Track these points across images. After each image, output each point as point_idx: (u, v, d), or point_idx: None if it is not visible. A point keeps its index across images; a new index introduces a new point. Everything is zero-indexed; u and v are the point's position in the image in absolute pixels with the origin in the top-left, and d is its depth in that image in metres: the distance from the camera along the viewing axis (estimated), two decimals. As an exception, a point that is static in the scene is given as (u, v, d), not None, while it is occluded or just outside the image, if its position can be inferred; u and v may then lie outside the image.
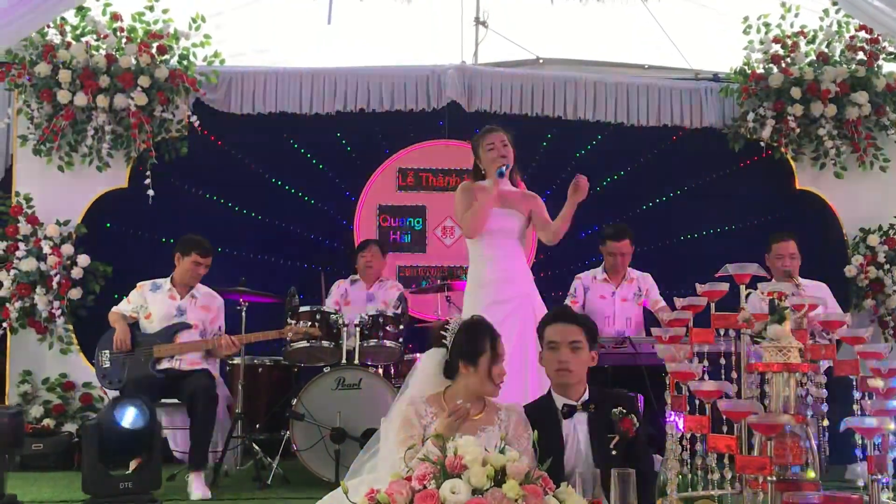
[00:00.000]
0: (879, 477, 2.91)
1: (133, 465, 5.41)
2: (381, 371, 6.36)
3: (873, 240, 7.97)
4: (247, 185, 8.01)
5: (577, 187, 5.04)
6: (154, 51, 7.67)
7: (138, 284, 6.33)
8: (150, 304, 6.23)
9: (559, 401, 3.90)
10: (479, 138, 5.28)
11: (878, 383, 3.06)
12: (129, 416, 5.04)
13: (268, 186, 8.03)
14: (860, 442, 2.93)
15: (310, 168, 8.12)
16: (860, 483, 4.11)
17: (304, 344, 6.25)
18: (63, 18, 7.67)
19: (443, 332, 3.98)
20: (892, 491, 3.08)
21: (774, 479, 2.88)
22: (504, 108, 8.12)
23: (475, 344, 3.83)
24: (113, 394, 6.03)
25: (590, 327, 4.01)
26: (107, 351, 6.13)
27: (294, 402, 5.98)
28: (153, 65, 7.62)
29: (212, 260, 6.31)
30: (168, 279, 6.29)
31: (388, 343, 6.33)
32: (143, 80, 7.52)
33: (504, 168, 5.07)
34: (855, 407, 3.18)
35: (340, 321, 6.31)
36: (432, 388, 3.90)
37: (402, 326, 6.45)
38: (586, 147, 8.26)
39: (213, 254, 6.34)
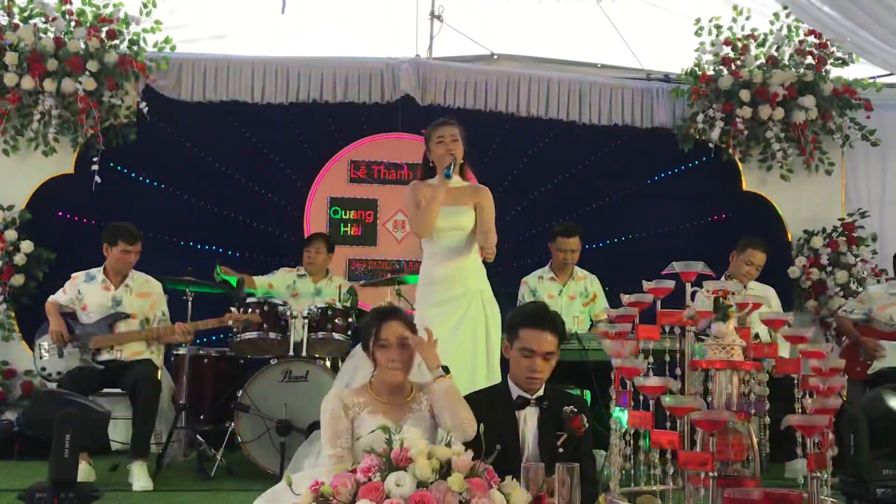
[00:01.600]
0: (819, 474, 2.95)
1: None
2: (328, 364, 6.32)
3: (817, 242, 8.10)
4: (196, 174, 7.93)
5: None
6: (104, 35, 7.55)
7: (73, 275, 6.16)
8: (84, 295, 6.06)
9: (515, 392, 3.92)
10: (430, 130, 5.23)
11: (818, 382, 3.10)
12: None
13: (217, 175, 7.95)
14: (800, 439, 2.96)
15: (261, 158, 8.05)
16: (800, 480, 4.16)
17: (251, 335, 6.20)
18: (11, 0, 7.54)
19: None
20: (829, 488, 3.13)
21: (716, 474, 2.91)
22: (458, 103, 8.13)
23: (366, 332, 3.85)
24: (53, 386, 5.93)
25: (562, 332, 4.00)
26: (45, 343, 6.01)
27: (240, 393, 5.92)
28: (102, 49, 7.51)
29: (141, 245, 6.10)
30: (101, 269, 6.14)
31: (336, 336, 6.29)
32: (92, 65, 7.41)
33: (450, 168, 5.01)
34: (796, 405, 3.22)
35: (289, 313, 6.26)
36: (361, 379, 3.90)
37: (351, 319, 6.41)
38: (538, 144, 8.29)
39: (143, 239, 6.12)
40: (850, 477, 4.66)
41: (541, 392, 3.93)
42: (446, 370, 3.81)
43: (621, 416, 3.29)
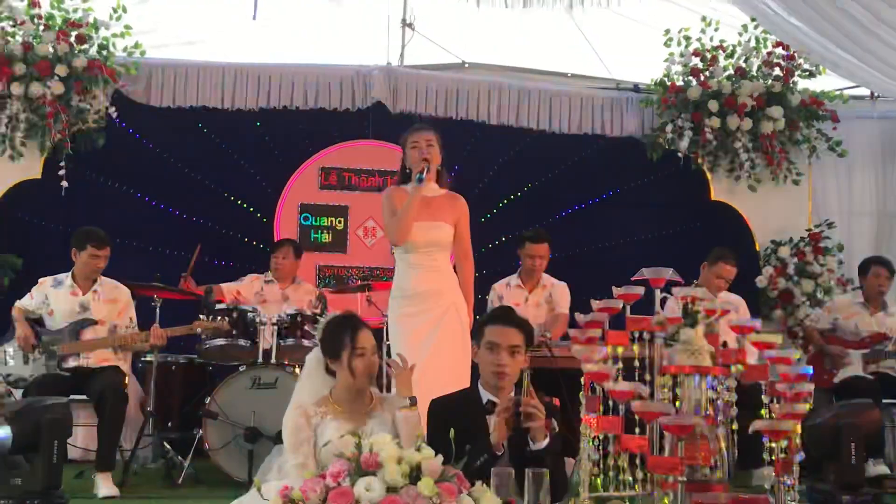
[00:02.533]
0: (785, 479, 2.97)
1: None
2: (298, 371, 6.28)
3: (784, 251, 8.16)
4: (165, 180, 7.89)
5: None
6: (73, 39, 7.50)
7: (40, 280, 6.10)
8: (52, 300, 6.00)
9: (485, 396, 3.92)
10: (406, 136, 5.20)
11: (785, 387, 3.12)
12: None
13: (186, 181, 7.91)
14: (768, 444, 2.98)
15: (230, 164, 8.02)
16: (767, 486, 4.19)
17: (219, 342, 6.16)
18: (-22, 3, 7.46)
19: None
20: (797, 493, 3.15)
21: (685, 479, 2.92)
22: (429, 111, 8.13)
23: (335, 340, 3.83)
24: (18, 392, 5.86)
25: (528, 332, 4.03)
26: (10, 349, 5.93)
27: (208, 400, 5.88)
28: (71, 54, 7.45)
29: (110, 250, 6.05)
30: (69, 274, 6.08)
31: (306, 342, 6.26)
32: (61, 69, 7.35)
33: (423, 172, 4.99)
34: (763, 411, 3.24)
35: (258, 319, 6.23)
36: (320, 389, 3.90)
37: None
38: (509, 152, 8.31)
39: (111, 244, 6.08)
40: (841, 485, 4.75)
41: (511, 396, 3.93)
42: (413, 402, 3.81)
43: (591, 421, 3.30)
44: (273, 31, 8.25)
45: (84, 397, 5.93)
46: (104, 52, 7.61)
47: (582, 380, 3.39)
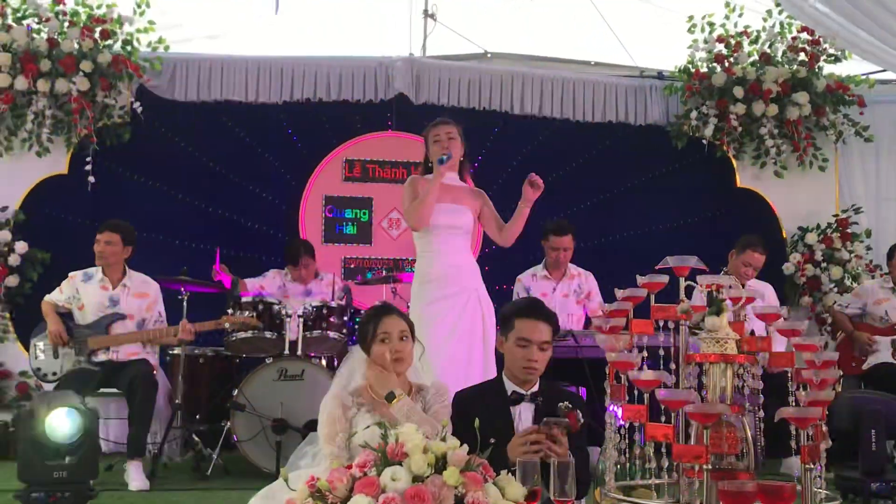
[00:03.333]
0: (812, 466, 2.96)
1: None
2: (324, 362, 6.33)
3: (811, 238, 8.11)
4: (190, 174, 7.94)
5: (534, 185, 5.05)
6: (97, 35, 7.56)
7: (70, 274, 6.18)
8: (82, 294, 6.08)
9: (510, 387, 3.94)
10: (428, 130, 5.28)
11: (811, 375, 3.11)
12: (60, 429, 4.80)
13: (211, 175, 7.96)
14: (794, 432, 2.97)
15: (255, 157, 8.06)
16: (795, 475, 4.18)
17: (246, 334, 6.20)
18: (4, 0, 7.51)
19: None
20: (824, 481, 3.14)
21: (710, 467, 2.92)
22: (451, 102, 8.12)
23: (363, 329, 3.84)
24: (48, 387, 5.93)
25: (556, 325, 4.05)
26: (41, 343, 6.01)
27: (235, 392, 5.93)
28: (96, 50, 7.51)
29: (122, 237, 6.09)
30: (99, 269, 6.15)
31: (331, 334, 6.31)
32: (86, 65, 7.40)
33: (445, 156, 5.04)
34: (790, 398, 3.23)
35: (283, 311, 6.27)
36: (359, 380, 3.90)
37: (346, 318, 6.43)
38: (532, 143, 8.30)
39: (121, 230, 6.11)
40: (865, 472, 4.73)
41: (535, 388, 3.95)
42: (391, 397, 3.75)
43: (617, 410, 3.30)
44: (295, 24, 8.27)
45: (115, 390, 5.99)
46: (128, 48, 7.66)
47: (607, 369, 3.40)
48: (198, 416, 6.46)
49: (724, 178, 8.35)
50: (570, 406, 3.81)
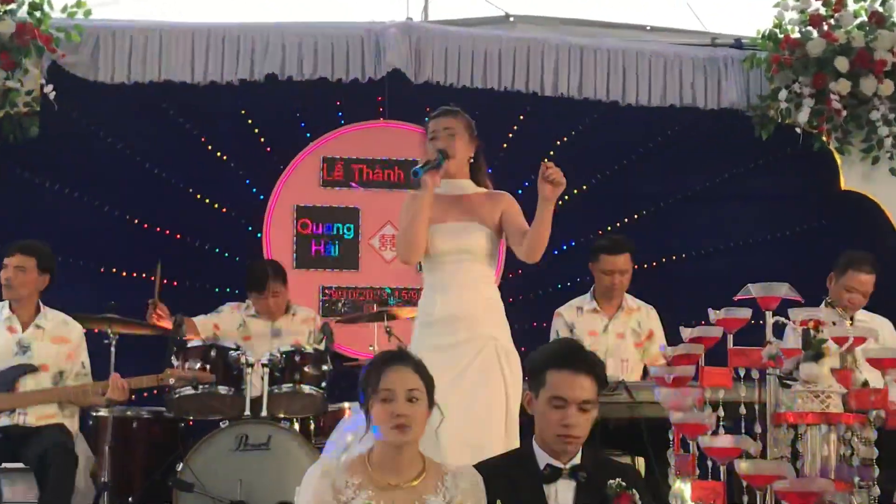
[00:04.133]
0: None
1: None
2: (297, 426, 6.34)
3: (940, 256, 8.10)
4: (119, 178, 7.98)
5: (549, 178, 4.98)
6: (-6, -2, 7.61)
7: None
8: None
9: (543, 459, 3.91)
10: (427, 125, 5.24)
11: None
12: None
13: (147, 179, 7.99)
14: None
15: (204, 156, 8.10)
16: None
17: (194, 390, 6.21)
18: None
19: None
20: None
21: (810, 564, 2.93)
22: (463, 81, 8.13)
23: (365, 382, 3.81)
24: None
25: (602, 376, 4.00)
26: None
27: (180, 467, 5.93)
28: (-7, 17, 7.56)
29: (33, 261, 6.11)
30: (6, 304, 6.19)
31: (306, 389, 6.31)
32: (-21, 38, 7.47)
33: (423, 167, 4.93)
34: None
35: (243, 359, 6.28)
36: (361, 448, 3.87)
37: (325, 367, 6.43)
38: (569, 132, 8.32)
39: (37, 253, 6.13)
40: None
41: (577, 460, 3.94)
42: None
43: (684, 488, 3.31)
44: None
45: (20, 465, 6.00)
46: (37, 14, 7.69)
47: (671, 433, 3.41)
48: (130, 499, 6.45)
49: (823, 178, 8.35)
50: (623, 485, 3.81)
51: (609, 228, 7.51)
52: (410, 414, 3.68)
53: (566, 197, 8.15)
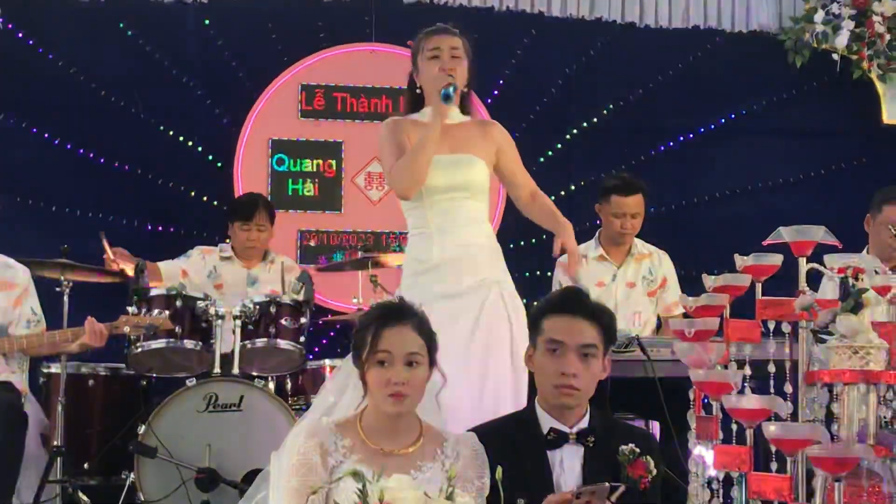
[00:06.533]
0: None
1: None
2: (271, 385, 6.36)
3: None
4: (69, 108, 7.96)
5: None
6: None
7: None
8: None
9: (546, 422, 3.91)
10: (418, 42, 5.17)
11: None
12: None
13: (104, 108, 7.98)
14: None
15: (168, 81, 8.08)
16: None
17: (157, 344, 6.21)
18: None
19: None
20: None
21: (844, 537, 2.95)
22: (459, -1, 8.14)
23: (358, 339, 3.79)
24: None
25: (609, 325, 3.99)
26: None
27: (142, 429, 5.95)
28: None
29: None
30: None
31: (283, 344, 6.32)
32: None
33: (451, 88, 4.96)
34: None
35: (213, 310, 6.28)
36: (350, 406, 3.87)
37: (304, 320, 6.44)
38: (579, 59, 8.31)
39: None
40: None
41: (584, 423, 3.95)
42: None
43: (705, 454, 3.32)
44: None
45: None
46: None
47: (691, 393, 3.42)
48: (86, 465, 6.48)
49: (864, 111, 8.36)
50: (637, 451, 3.82)
51: (622, 167, 7.48)
52: (409, 380, 3.67)
53: (574, 131, 8.23)
